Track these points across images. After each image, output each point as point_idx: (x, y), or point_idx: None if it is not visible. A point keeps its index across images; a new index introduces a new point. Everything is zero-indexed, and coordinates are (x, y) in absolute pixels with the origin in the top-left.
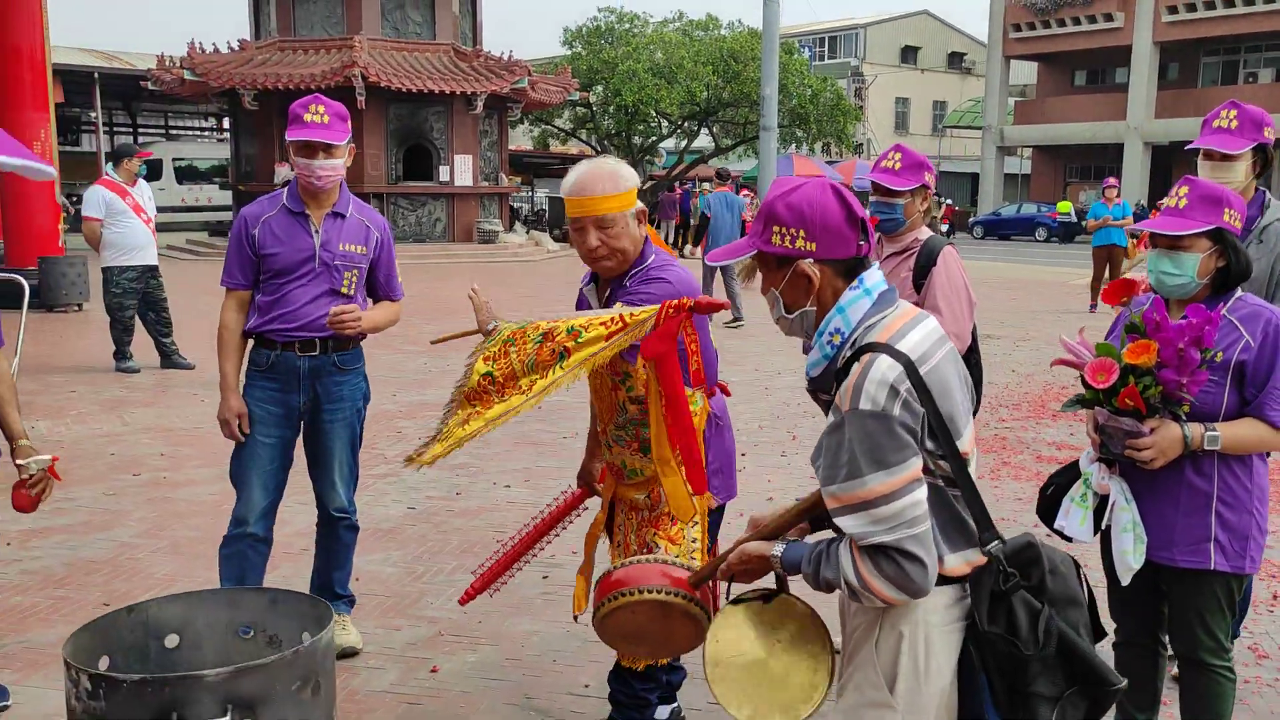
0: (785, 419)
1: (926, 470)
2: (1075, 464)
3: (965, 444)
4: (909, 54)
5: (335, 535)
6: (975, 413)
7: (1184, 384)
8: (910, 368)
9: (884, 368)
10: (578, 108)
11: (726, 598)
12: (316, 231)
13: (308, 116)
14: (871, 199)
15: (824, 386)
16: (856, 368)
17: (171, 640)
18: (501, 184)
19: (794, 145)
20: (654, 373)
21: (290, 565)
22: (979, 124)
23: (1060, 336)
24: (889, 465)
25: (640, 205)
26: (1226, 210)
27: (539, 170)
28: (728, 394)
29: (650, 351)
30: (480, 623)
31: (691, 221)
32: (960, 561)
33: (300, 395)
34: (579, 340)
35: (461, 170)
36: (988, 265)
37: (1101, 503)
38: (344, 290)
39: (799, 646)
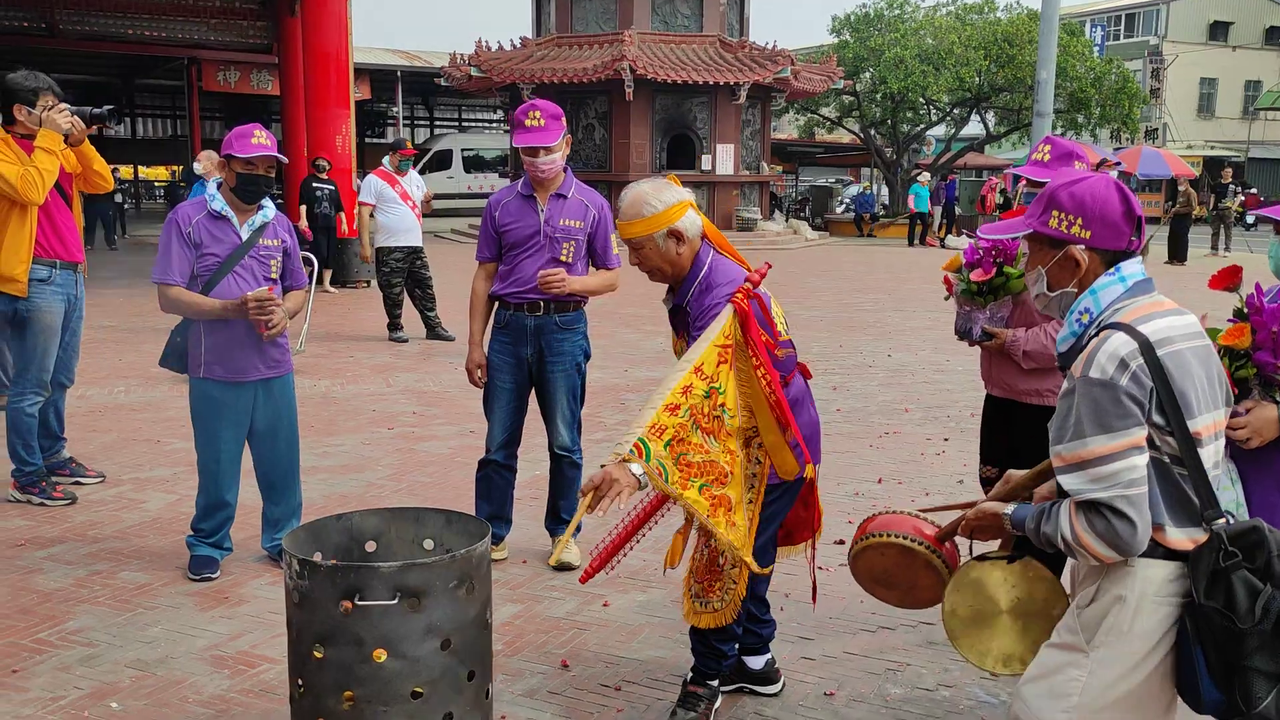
0: None
1: (1151, 445)
2: None
3: (1199, 426)
4: (1218, 30)
5: (560, 470)
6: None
7: (1279, 366)
8: (1146, 346)
9: (1118, 343)
10: (843, 96)
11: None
12: (541, 210)
13: (528, 122)
14: (1023, 189)
15: (1070, 363)
16: (1094, 341)
17: (370, 546)
18: (762, 172)
19: (1073, 131)
20: (750, 356)
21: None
22: None
23: None
24: (1112, 430)
25: (676, 225)
26: None
27: (803, 159)
28: (808, 375)
29: (772, 334)
30: (655, 569)
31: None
32: (1183, 536)
33: (528, 348)
34: (721, 391)
35: (723, 159)
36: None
37: None
38: (563, 258)
39: (1036, 605)
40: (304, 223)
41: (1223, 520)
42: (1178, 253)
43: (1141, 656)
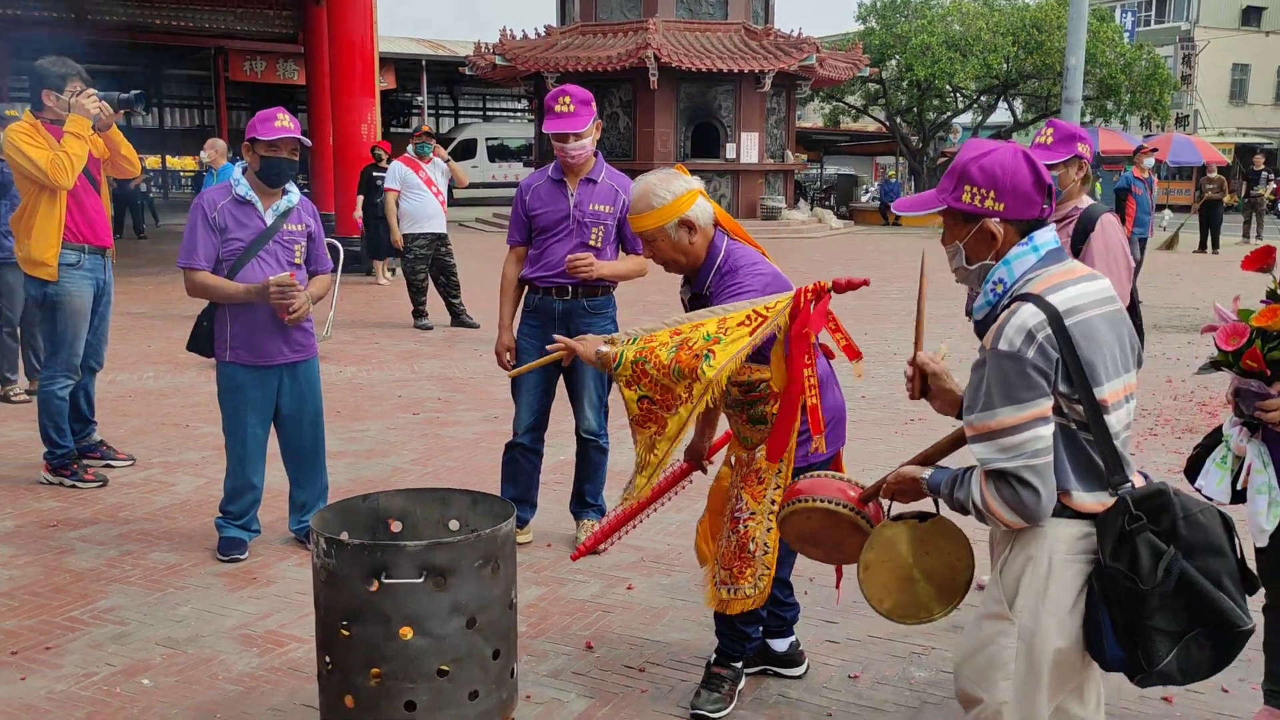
0: None
1: (1059, 412)
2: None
3: (1105, 393)
4: (1251, 15)
5: (586, 454)
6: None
7: None
8: (1054, 317)
9: (1026, 315)
10: (868, 84)
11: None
12: (571, 195)
13: (558, 108)
14: None
15: (985, 331)
16: (1004, 314)
17: (396, 526)
18: (787, 161)
19: (1102, 119)
20: (781, 358)
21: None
22: None
23: (1214, 304)
24: (1018, 401)
25: (686, 214)
26: None
27: (829, 147)
28: (831, 356)
29: (806, 331)
30: (680, 554)
31: None
32: (1090, 500)
33: (556, 332)
34: (721, 342)
35: (747, 147)
36: None
37: (1242, 465)
38: (591, 243)
39: (944, 562)
40: (359, 212)
41: (1129, 484)
42: (1210, 240)
43: (1064, 615)
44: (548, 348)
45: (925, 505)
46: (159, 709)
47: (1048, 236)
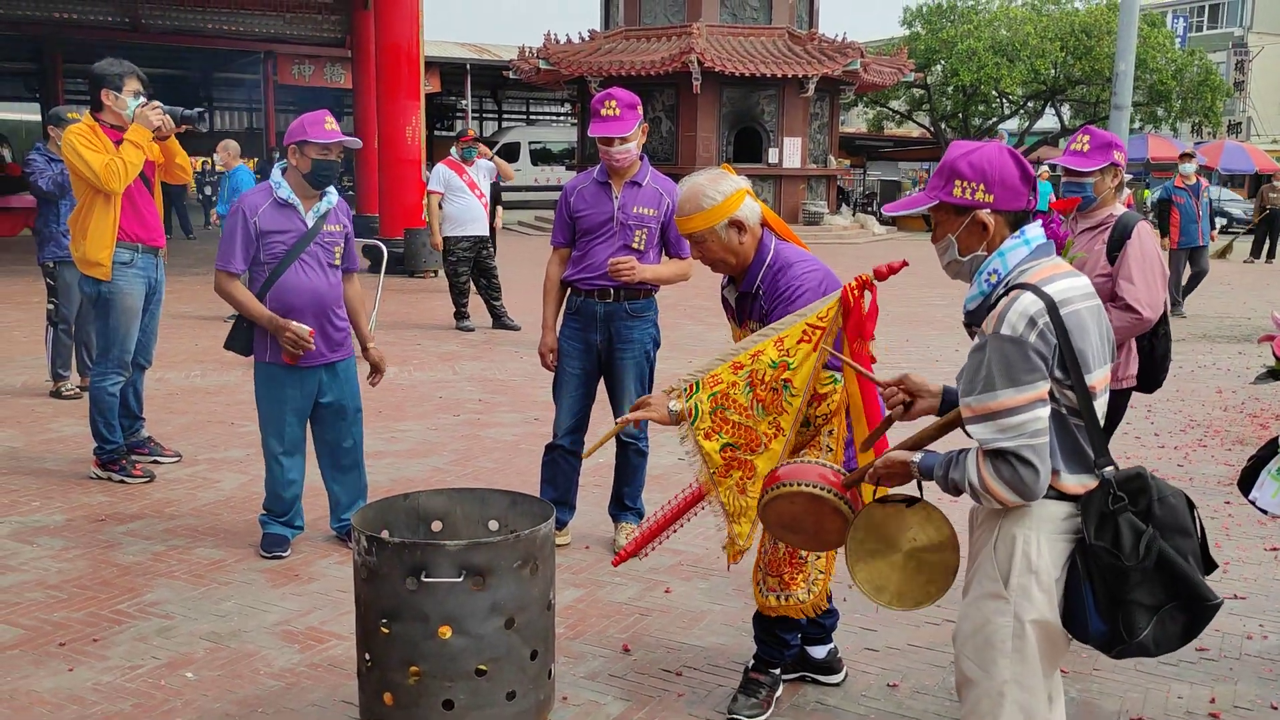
0: None
1: (1052, 397)
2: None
3: (1094, 380)
4: None
5: (626, 457)
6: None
7: None
8: (1051, 306)
9: (1027, 302)
10: (913, 89)
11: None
12: (616, 197)
13: (604, 112)
14: (1063, 180)
15: (977, 320)
16: (1004, 301)
17: (436, 525)
18: (829, 166)
19: (1152, 125)
20: (849, 354)
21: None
22: None
23: (1272, 313)
24: (1020, 383)
25: (736, 214)
26: None
27: (871, 153)
28: (873, 360)
29: (864, 333)
30: (718, 557)
31: None
32: (1075, 482)
33: (597, 334)
34: (791, 367)
35: (790, 152)
36: None
37: None
38: (634, 245)
39: (929, 546)
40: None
41: (1111, 468)
42: (1268, 249)
43: (1052, 591)
44: (617, 421)
45: (909, 491)
46: (201, 702)
47: (1037, 231)
